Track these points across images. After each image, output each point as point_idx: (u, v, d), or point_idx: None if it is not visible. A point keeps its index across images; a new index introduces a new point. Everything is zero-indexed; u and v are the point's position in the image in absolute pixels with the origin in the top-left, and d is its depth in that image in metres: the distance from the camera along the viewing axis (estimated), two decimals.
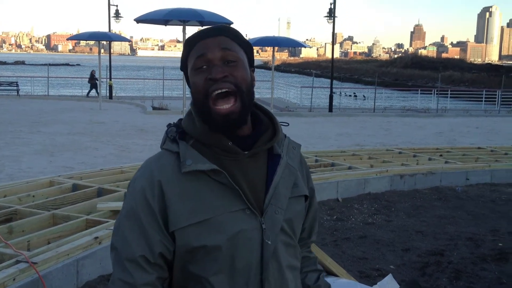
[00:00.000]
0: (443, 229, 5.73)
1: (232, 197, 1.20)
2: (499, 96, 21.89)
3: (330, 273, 3.18)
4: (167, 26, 12.23)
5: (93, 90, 23.66)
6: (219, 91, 1.18)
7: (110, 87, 22.31)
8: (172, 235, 1.21)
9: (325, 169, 7.48)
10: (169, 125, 1.30)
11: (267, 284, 1.23)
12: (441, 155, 8.96)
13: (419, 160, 8.48)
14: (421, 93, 24.91)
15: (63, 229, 4.30)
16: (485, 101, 22.60)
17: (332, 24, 21.61)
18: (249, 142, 1.25)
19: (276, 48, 15.90)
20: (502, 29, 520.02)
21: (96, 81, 23.43)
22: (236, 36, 1.26)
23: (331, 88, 20.91)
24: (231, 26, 1.29)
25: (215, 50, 1.21)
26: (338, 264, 3.69)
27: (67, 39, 20.70)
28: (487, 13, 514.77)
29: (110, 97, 22.06)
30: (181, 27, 11.51)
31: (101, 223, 4.45)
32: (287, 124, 1.38)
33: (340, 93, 27.69)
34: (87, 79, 24.57)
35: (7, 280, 3.25)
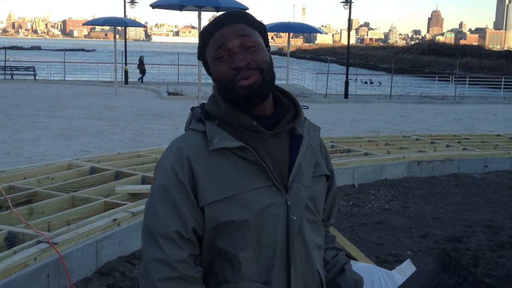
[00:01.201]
0: (461, 216, 5.68)
1: (258, 174, 1.23)
2: None
3: (349, 257, 3.17)
4: (182, 11, 12.18)
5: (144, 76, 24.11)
6: (246, 83, 1.22)
7: (126, 72, 22.38)
8: (202, 210, 1.23)
9: (341, 155, 7.44)
10: (193, 108, 1.33)
11: (293, 260, 1.25)
12: (459, 142, 8.86)
13: (436, 146, 8.39)
14: (438, 80, 24.59)
15: (82, 211, 4.35)
16: (504, 88, 22.21)
17: (348, 10, 21.35)
18: (272, 122, 1.28)
19: (291, 34, 15.76)
20: None
21: (145, 66, 23.75)
22: (250, 21, 1.28)
23: (347, 74, 20.74)
24: (246, 11, 1.30)
25: (233, 38, 1.23)
26: (356, 248, 3.69)
27: (83, 25, 20.79)
28: (507, 0, 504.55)
29: (126, 82, 22.15)
30: (196, 12, 11.45)
31: (119, 205, 4.49)
32: (307, 107, 1.40)
33: (356, 79, 27.46)
34: (137, 65, 24.91)
35: (29, 260, 3.30)
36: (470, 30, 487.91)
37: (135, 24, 22.04)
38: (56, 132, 9.98)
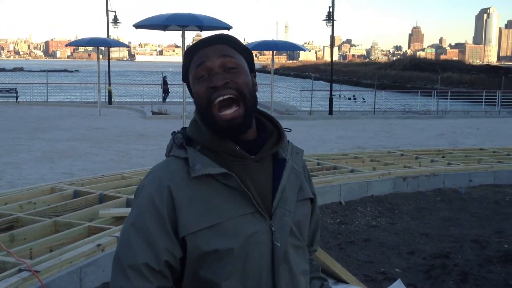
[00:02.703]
0: (448, 231, 5.69)
1: (241, 201, 1.21)
2: (499, 97, 21.88)
3: (340, 280, 3.14)
4: (166, 31, 12.21)
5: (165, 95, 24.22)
6: (221, 98, 1.19)
7: (109, 92, 22.28)
8: (182, 241, 1.21)
9: (327, 172, 7.44)
10: (173, 133, 1.31)
11: (279, 287, 1.23)
12: (443, 157, 8.93)
13: (421, 162, 8.44)
14: (421, 95, 24.90)
15: (65, 237, 4.25)
16: (485, 102, 22.56)
17: (330, 27, 21.62)
18: (255, 146, 1.26)
19: (275, 52, 15.88)
20: (500, 30, 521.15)
21: (168, 87, 23.78)
22: (235, 43, 1.27)
23: (331, 91, 20.89)
24: (230, 31, 1.33)
25: (215, 58, 1.22)
26: (343, 267, 3.66)
27: (66, 45, 20.70)
28: (485, 15, 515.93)
29: (109, 102, 22.03)
30: (180, 32, 11.50)
31: (104, 229, 4.41)
32: (289, 130, 1.38)
33: (340, 95, 27.68)
34: (160, 85, 24.97)
35: None
36: (450, 45, 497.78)
37: (119, 44, 22.02)
38: (38, 155, 9.84)
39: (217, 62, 1.21)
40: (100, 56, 18.76)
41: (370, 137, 13.55)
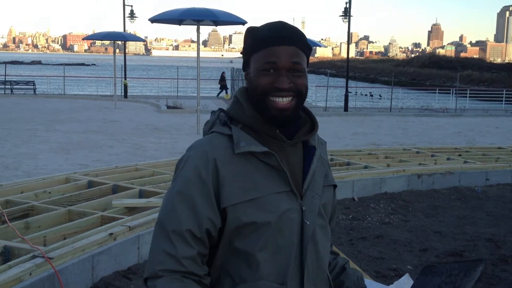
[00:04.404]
0: (462, 230, 5.63)
1: (278, 179, 1.30)
2: None
3: None
4: (181, 25, 12.24)
5: (223, 91, 24.32)
6: (281, 99, 1.30)
7: (125, 86, 22.43)
8: (222, 212, 1.28)
9: (341, 168, 7.40)
10: (214, 112, 1.40)
11: (306, 264, 1.32)
12: (460, 155, 8.82)
13: (437, 159, 8.35)
14: (439, 93, 24.60)
15: (78, 225, 4.30)
16: (505, 101, 22.17)
17: (347, 24, 21.47)
18: (290, 132, 1.35)
19: None
20: None
21: (226, 82, 23.91)
22: (304, 44, 1.35)
23: (347, 87, 20.76)
24: (245, 25, 1.32)
25: (286, 60, 1.30)
26: (354, 263, 3.63)
27: (83, 39, 20.90)
28: (507, 12, 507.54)
29: (125, 96, 22.18)
30: (195, 26, 11.52)
31: (116, 219, 4.45)
32: None
33: (356, 92, 27.49)
34: (218, 81, 25.19)
35: (24, 275, 3.26)
36: (470, 43, 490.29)
37: (135, 38, 22.15)
38: (54, 146, 9.95)
39: (287, 65, 1.30)
40: (117, 51, 18.89)
41: (385, 134, 13.45)
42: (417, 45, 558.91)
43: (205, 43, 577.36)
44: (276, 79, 1.29)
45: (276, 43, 1.30)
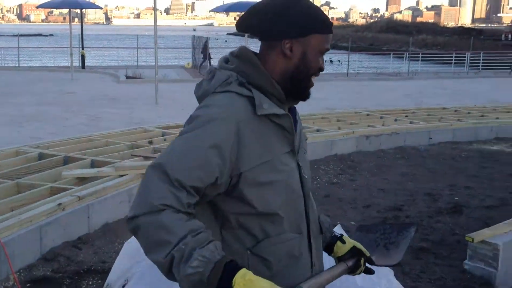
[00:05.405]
0: (404, 186, 5.94)
1: (285, 140, 1.40)
2: (468, 58, 22.11)
3: None
4: None
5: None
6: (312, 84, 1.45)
7: (83, 56, 21.89)
8: (238, 171, 1.32)
9: None
10: (216, 69, 1.41)
11: (310, 214, 1.48)
12: (406, 116, 9.14)
13: (385, 121, 8.64)
14: (393, 57, 24.99)
15: (26, 197, 4.33)
16: (454, 63, 22.73)
17: None
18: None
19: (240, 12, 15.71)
20: None
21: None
22: None
23: None
24: None
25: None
26: None
27: (37, 7, 20.15)
28: None
29: (83, 67, 21.66)
30: None
31: (66, 190, 4.50)
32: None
33: None
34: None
35: None
36: (426, 7, 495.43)
37: (91, 6, 21.51)
38: (6, 120, 9.75)
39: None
40: (76, 20, 18.35)
41: (341, 99, 13.71)
42: (376, 10, 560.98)
43: (167, 11, 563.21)
44: (322, 62, 1.44)
45: (331, 32, 1.45)
